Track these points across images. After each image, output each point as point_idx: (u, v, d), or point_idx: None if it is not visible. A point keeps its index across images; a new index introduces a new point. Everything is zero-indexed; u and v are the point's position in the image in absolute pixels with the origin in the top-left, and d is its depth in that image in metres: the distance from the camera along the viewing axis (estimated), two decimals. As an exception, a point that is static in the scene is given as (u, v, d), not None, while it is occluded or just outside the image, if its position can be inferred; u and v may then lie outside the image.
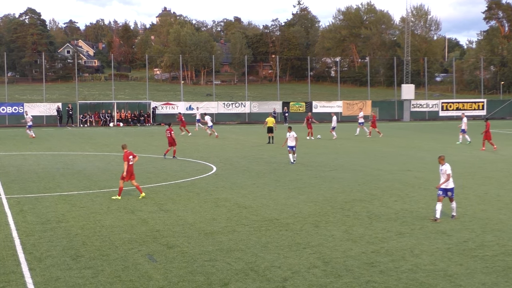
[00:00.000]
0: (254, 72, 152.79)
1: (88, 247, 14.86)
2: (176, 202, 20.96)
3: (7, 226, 17.17)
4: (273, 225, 17.29)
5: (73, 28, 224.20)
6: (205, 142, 45.54)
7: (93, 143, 45.93)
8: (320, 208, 19.69)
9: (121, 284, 11.82)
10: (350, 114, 79.97)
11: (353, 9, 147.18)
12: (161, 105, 75.52)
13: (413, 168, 29.56)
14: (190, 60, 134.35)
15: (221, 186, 24.49)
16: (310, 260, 13.70)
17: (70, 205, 20.33)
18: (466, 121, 43.43)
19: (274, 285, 12.04)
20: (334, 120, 49.88)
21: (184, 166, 31.09)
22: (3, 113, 70.76)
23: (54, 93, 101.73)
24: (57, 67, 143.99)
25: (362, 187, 23.92)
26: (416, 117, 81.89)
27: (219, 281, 12.28)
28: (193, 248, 14.79)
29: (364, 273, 12.73)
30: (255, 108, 78.12)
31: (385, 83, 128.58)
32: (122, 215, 18.71)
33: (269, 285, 12.07)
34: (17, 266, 13.33)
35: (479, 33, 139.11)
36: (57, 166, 31.05)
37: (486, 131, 38.36)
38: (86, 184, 25.16)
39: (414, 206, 20.05)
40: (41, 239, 15.66)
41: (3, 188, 24.03)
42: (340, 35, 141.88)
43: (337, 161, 32.90)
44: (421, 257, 13.97)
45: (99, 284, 12.13)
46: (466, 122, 43.30)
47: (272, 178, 26.56)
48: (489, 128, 38.41)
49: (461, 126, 43.48)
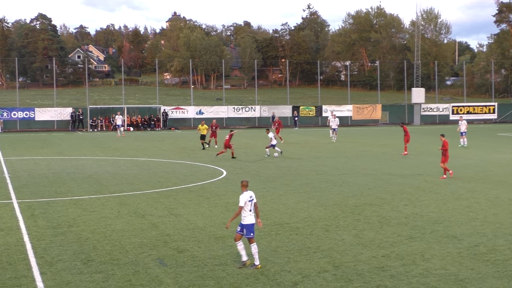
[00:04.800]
0: (264, 76, 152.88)
1: (99, 252, 14.90)
2: (187, 206, 20.98)
3: (18, 231, 17.25)
4: (283, 229, 17.28)
5: (83, 33, 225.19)
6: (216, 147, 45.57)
7: (104, 147, 46.07)
8: (331, 212, 19.66)
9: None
10: (360, 118, 79.87)
11: (363, 13, 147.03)
12: (171, 110, 75.68)
13: (423, 172, 29.47)
14: (200, 64, 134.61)
15: (231, 190, 24.49)
16: (320, 264, 13.68)
17: (81, 210, 20.40)
18: (466, 124, 44.09)
19: (284, 290, 12.02)
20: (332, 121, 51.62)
21: (194, 171, 31.13)
22: (15, 118, 71.15)
23: (64, 98, 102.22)
24: (67, 72, 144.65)
25: (373, 191, 23.87)
26: (427, 121, 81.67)
27: (229, 285, 12.28)
28: (204, 252, 14.80)
29: (374, 278, 12.70)
30: (265, 112, 78.16)
31: (395, 87, 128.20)
32: (132, 219, 18.75)
33: (279, 289, 12.05)
34: (29, 270, 13.38)
35: (490, 36, 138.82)
36: (68, 171, 31.17)
37: (406, 134, 38.58)
38: (96, 188, 25.24)
39: (424, 210, 19.97)
40: (52, 244, 15.71)
41: (14, 192, 24.15)
42: (350, 39, 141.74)
43: (347, 165, 32.85)
44: (432, 261, 13.91)
45: (110, 288, 12.16)
46: (467, 125, 44.02)
47: (282, 182, 26.55)
48: (408, 131, 38.65)
49: (459, 129, 44.06)
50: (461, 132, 43.84)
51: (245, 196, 13.54)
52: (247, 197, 13.53)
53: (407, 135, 38.39)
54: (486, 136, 54.31)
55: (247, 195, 13.57)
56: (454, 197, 22.50)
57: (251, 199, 13.58)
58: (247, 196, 13.55)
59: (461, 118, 45.48)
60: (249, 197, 13.56)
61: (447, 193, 23.40)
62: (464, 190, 24.12)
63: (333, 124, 50.77)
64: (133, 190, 24.70)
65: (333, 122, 50.61)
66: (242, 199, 13.51)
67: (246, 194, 13.57)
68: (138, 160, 36.45)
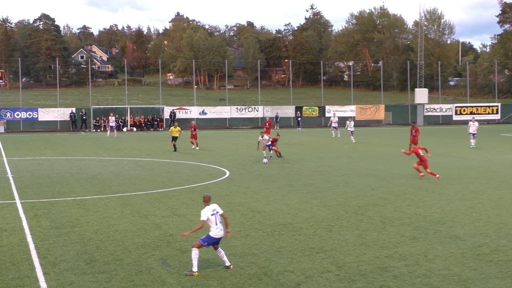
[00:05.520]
0: (267, 76, 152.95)
1: (102, 252, 14.91)
2: (190, 206, 20.99)
3: (21, 231, 17.27)
4: (286, 229, 17.27)
5: (86, 34, 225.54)
6: (219, 147, 45.60)
7: (107, 148, 46.11)
8: (334, 213, 19.65)
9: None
10: (363, 119, 79.84)
11: (366, 13, 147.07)
12: (174, 110, 75.72)
13: (426, 173, 29.38)
14: (203, 65, 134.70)
15: (235, 190, 24.50)
16: (323, 265, 13.67)
17: (84, 210, 20.42)
18: (477, 125, 43.72)
19: (287, 290, 12.01)
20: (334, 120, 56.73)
21: (198, 171, 31.14)
22: (18, 118, 71.28)
23: (68, 98, 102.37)
24: (71, 72, 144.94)
25: (376, 192, 23.85)
26: (430, 121, 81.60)
27: (232, 285, 12.28)
28: (206, 252, 14.79)
29: (377, 278, 12.69)
30: (268, 113, 78.17)
31: (398, 87, 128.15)
32: (135, 219, 18.76)
33: (282, 289, 12.05)
34: (32, 270, 13.40)
35: (493, 37, 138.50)
36: (71, 171, 31.20)
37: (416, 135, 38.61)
38: (99, 189, 25.26)
39: (427, 210, 19.95)
40: (55, 244, 15.73)
41: (18, 192, 24.18)
42: (353, 39, 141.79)
43: (350, 166, 32.83)
44: (435, 262, 13.90)
45: (113, 288, 12.17)
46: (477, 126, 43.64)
47: (285, 183, 26.54)
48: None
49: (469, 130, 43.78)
50: (471, 133, 43.45)
51: (207, 210, 13.27)
52: (209, 212, 13.24)
53: (417, 135, 38.33)
54: (489, 136, 54.21)
55: (209, 209, 13.29)
56: (458, 197, 22.47)
57: (214, 213, 13.29)
58: (209, 210, 13.27)
59: (473, 119, 45.12)
60: (212, 210, 13.28)
61: (450, 193, 23.38)
62: (468, 190, 24.09)
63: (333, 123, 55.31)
64: (136, 190, 24.72)
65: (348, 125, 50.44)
66: (204, 213, 13.25)
67: (208, 209, 13.29)
68: (141, 161, 36.48)
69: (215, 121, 77.44)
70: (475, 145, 42.73)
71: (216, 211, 13.35)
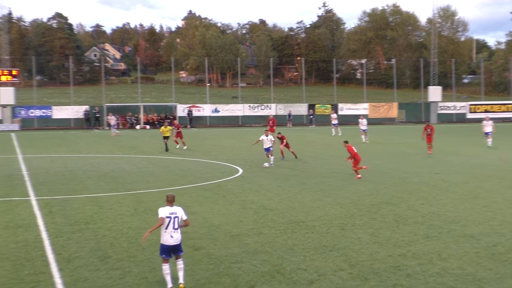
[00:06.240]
0: (280, 74, 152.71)
1: (116, 249, 14.98)
2: (203, 204, 21.03)
3: (36, 227, 17.40)
4: (299, 227, 17.27)
5: (99, 32, 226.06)
6: (232, 145, 45.65)
7: (120, 145, 46.28)
8: (347, 211, 19.62)
9: (148, 285, 11.89)
10: (376, 117, 79.60)
11: (378, 11, 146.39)
12: (190, 108, 75.85)
13: (440, 171, 29.30)
14: (216, 62, 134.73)
15: (247, 188, 24.52)
16: (336, 263, 13.66)
17: (97, 207, 20.53)
18: (493, 124, 42.99)
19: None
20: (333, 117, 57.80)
21: (210, 169, 31.19)
22: (32, 116, 71.68)
23: (81, 96, 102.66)
24: (84, 70, 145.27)
25: (389, 190, 23.78)
26: (444, 120, 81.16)
27: (245, 283, 12.30)
28: (220, 250, 14.83)
29: (391, 277, 12.66)
30: (281, 111, 78.11)
31: (411, 85, 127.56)
32: (148, 216, 18.82)
33: (295, 287, 12.05)
34: (47, 266, 13.50)
35: (508, 34, 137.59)
36: (84, 168, 31.35)
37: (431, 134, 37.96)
38: (113, 186, 25.37)
39: (441, 209, 19.87)
40: (70, 240, 15.83)
41: (33, 190, 24.34)
42: (366, 37, 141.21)
43: (364, 164, 32.67)
44: (449, 261, 13.84)
45: (126, 285, 12.23)
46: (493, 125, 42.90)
47: (298, 181, 26.53)
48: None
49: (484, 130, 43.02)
50: (486, 132, 42.82)
51: (164, 210, 11.94)
52: (165, 212, 11.90)
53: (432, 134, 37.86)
54: (504, 135, 53.81)
55: (166, 210, 11.95)
56: (471, 196, 22.36)
57: (171, 216, 11.90)
58: (166, 211, 11.93)
59: (487, 118, 44.58)
60: (169, 213, 11.92)
61: (464, 192, 23.26)
62: (482, 189, 23.96)
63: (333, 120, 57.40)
64: (149, 187, 24.80)
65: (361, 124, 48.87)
66: (160, 212, 11.96)
67: (166, 209, 11.97)
68: (154, 158, 36.59)
69: (228, 119, 77.49)
70: (492, 145, 42.19)
71: (176, 215, 11.96)
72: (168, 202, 12.09)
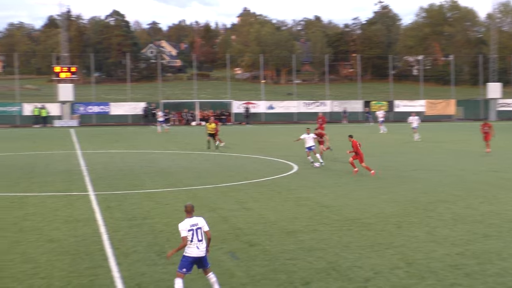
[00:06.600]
0: (335, 71, 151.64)
1: (172, 244, 15.15)
2: (258, 200, 21.11)
3: (95, 222, 17.76)
4: (354, 224, 17.16)
5: (156, 29, 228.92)
6: (286, 141, 45.61)
7: (175, 141, 46.84)
8: (403, 209, 19.38)
9: (204, 280, 11.98)
10: (433, 114, 78.35)
11: (436, 6, 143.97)
12: (242, 104, 76.16)
13: (499, 169, 28.66)
14: (271, 59, 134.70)
15: (303, 185, 24.49)
16: (392, 261, 13.53)
17: (154, 202, 20.83)
18: None
19: (356, 285, 11.95)
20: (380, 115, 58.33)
21: (265, 165, 31.26)
22: (91, 112, 73.25)
23: (138, 93, 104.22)
24: (141, 67, 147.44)
25: (446, 188, 23.39)
26: (503, 117, 79.28)
27: (300, 279, 12.31)
28: (275, 246, 14.86)
29: (448, 276, 12.46)
30: (336, 107, 77.67)
31: (470, 81, 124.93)
32: (203, 213, 18.94)
33: (351, 285, 11.99)
34: (105, 260, 13.77)
35: None
36: (141, 164, 31.84)
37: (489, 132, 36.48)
38: (169, 182, 25.69)
39: (501, 208, 19.42)
40: (127, 235, 16.11)
41: (91, 184, 24.86)
42: (423, 33, 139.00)
43: (419, 161, 32.29)
44: (509, 260, 13.53)
45: (183, 279, 12.36)
46: None
47: (353, 178, 26.35)
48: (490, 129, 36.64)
49: None
50: None
51: (185, 224, 11.17)
52: (187, 226, 11.13)
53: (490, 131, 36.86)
54: None
55: (187, 223, 11.18)
56: (532, 195, 21.79)
57: (193, 228, 11.14)
58: (187, 224, 11.16)
59: None
60: (190, 225, 11.16)
61: (525, 191, 22.68)
62: (543, 188, 23.32)
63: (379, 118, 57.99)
64: (204, 184, 25.02)
65: (413, 120, 47.70)
66: (181, 228, 11.17)
67: (186, 222, 11.19)
68: (209, 154, 36.88)
69: (283, 115, 77.53)
70: None
71: (198, 226, 11.23)
72: (187, 213, 11.34)
